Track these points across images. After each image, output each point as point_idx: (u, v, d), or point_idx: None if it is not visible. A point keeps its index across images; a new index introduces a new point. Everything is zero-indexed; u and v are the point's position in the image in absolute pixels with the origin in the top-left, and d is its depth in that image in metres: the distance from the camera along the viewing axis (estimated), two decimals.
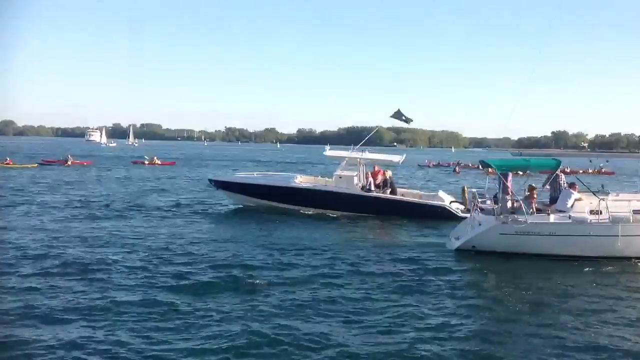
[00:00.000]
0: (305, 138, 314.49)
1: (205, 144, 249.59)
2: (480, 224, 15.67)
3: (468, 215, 21.13)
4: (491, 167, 16.22)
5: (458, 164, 67.52)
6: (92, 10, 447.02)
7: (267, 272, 12.94)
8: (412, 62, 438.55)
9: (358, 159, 23.00)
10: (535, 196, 16.06)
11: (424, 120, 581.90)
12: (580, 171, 62.75)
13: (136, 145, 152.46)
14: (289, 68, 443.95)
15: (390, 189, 22.41)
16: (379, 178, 22.70)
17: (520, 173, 18.58)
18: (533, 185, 16.60)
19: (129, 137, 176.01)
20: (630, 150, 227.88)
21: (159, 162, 60.82)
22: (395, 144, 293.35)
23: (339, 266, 13.80)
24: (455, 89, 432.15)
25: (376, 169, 23.24)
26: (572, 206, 15.33)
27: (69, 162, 52.68)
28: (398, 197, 22.19)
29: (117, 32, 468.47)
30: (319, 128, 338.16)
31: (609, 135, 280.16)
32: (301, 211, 22.51)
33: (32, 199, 26.64)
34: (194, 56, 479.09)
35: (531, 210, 15.39)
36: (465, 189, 16.68)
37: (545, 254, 14.83)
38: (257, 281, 12.02)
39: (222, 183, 24.76)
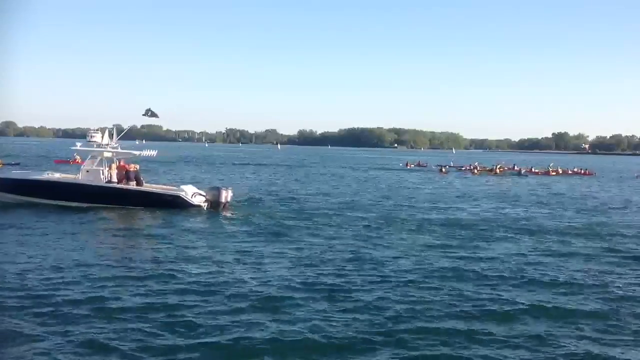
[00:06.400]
0: (306, 139, 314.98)
1: (206, 145, 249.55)
2: None
3: (205, 205, 22.85)
4: None
5: (443, 165, 67.95)
6: (93, 10, 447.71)
7: None
8: (413, 63, 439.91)
9: (102, 153, 24.17)
10: None
11: (424, 121, 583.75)
12: (560, 171, 63.61)
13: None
14: (290, 69, 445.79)
15: (135, 182, 23.87)
16: (125, 170, 23.91)
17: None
18: None
19: (112, 138, 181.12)
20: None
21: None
22: (395, 145, 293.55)
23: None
24: (456, 90, 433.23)
25: (122, 163, 24.39)
26: None
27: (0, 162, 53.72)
28: (136, 187, 23.57)
29: (118, 32, 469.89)
30: (319, 129, 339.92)
31: (610, 137, 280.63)
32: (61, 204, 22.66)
33: None
34: (194, 57, 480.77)
35: None
36: None
37: None
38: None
39: None
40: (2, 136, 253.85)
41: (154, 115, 25.57)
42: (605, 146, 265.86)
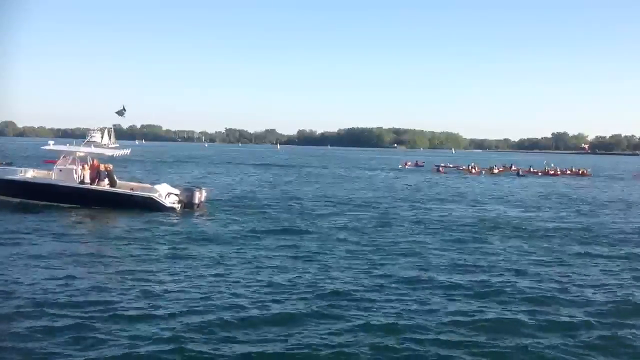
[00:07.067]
0: (306, 139, 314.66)
1: (206, 145, 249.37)
2: None
3: (179, 206, 22.61)
4: None
5: (441, 165, 68.02)
6: (93, 10, 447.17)
7: None
8: (413, 63, 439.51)
9: (75, 153, 23.92)
10: None
11: (423, 121, 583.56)
12: (559, 172, 63.55)
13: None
14: (290, 69, 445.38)
15: (109, 182, 23.58)
16: (98, 170, 23.65)
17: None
18: None
19: (110, 138, 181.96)
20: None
21: None
22: (395, 145, 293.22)
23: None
24: (456, 90, 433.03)
25: (95, 162, 24.11)
26: None
27: None
28: (109, 189, 23.24)
29: (118, 32, 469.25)
30: (319, 129, 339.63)
31: (609, 137, 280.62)
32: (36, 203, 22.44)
33: None
34: (194, 57, 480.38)
35: None
36: None
37: None
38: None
39: None
40: (1, 136, 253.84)
41: (121, 113, 25.84)
42: (605, 146, 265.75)
